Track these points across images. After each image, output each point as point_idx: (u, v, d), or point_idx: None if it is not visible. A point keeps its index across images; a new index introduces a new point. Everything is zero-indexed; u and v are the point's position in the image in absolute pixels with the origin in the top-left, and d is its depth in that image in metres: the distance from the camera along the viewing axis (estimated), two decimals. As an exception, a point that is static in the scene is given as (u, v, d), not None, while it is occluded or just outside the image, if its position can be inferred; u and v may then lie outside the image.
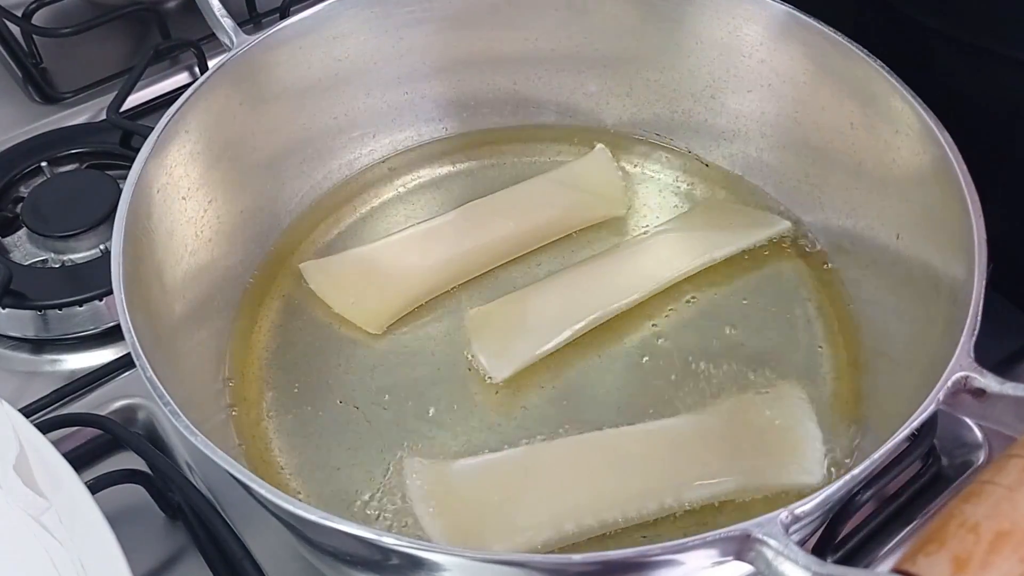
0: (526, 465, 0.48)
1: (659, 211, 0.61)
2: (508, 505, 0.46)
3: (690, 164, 0.63)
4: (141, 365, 0.40)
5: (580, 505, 0.46)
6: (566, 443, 0.49)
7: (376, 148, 0.63)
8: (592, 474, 0.48)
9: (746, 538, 0.34)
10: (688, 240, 0.58)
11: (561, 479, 0.48)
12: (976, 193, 0.44)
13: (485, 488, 0.47)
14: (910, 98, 0.49)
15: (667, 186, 0.62)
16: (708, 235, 0.58)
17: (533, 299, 0.55)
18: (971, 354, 0.39)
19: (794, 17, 0.54)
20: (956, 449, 0.53)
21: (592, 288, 0.55)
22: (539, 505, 0.46)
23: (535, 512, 0.46)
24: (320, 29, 0.57)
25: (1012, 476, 0.31)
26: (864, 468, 0.37)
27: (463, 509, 0.47)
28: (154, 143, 0.48)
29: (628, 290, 0.55)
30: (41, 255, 0.62)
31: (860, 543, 0.50)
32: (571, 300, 0.55)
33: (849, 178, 0.55)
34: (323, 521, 0.35)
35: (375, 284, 0.56)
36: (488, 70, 0.63)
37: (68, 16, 0.78)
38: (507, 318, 0.54)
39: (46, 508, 0.42)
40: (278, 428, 0.51)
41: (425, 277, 0.57)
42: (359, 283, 0.56)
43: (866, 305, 0.54)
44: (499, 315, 0.54)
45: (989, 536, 0.30)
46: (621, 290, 0.55)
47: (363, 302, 0.55)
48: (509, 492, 0.47)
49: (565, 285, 0.56)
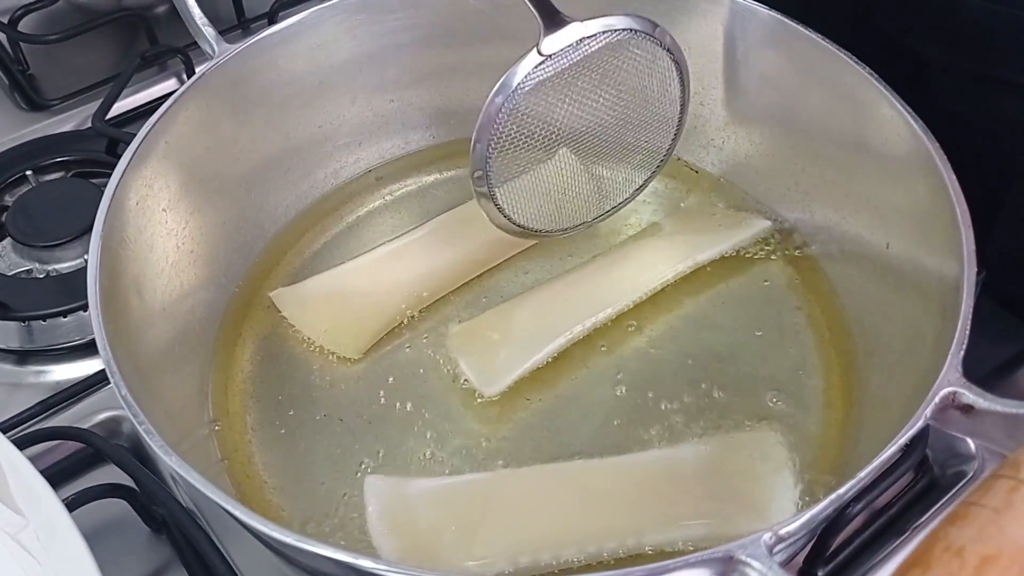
0: (488, 492, 0.47)
1: (649, 218, 0.60)
2: (464, 532, 0.45)
3: (680, 170, 0.63)
4: (116, 383, 0.40)
5: (538, 539, 0.45)
6: (531, 473, 0.48)
7: (362, 157, 0.63)
8: (554, 507, 0.47)
9: (729, 559, 0.34)
10: (670, 246, 0.57)
11: (522, 510, 0.47)
12: (965, 204, 0.44)
13: (443, 512, 0.46)
14: (899, 106, 0.48)
15: (657, 193, 0.62)
16: (689, 239, 0.58)
17: (517, 313, 0.54)
18: (959, 369, 0.38)
19: (783, 24, 0.54)
20: (949, 460, 0.52)
21: (576, 299, 0.55)
22: (496, 535, 0.45)
23: (491, 542, 0.45)
24: (304, 37, 0.56)
25: (999, 498, 0.31)
26: (850, 487, 0.36)
27: (418, 532, 0.46)
28: (132, 154, 0.48)
29: (613, 299, 0.55)
30: (26, 265, 0.62)
31: (852, 555, 0.49)
32: (556, 312, 0.54)
33: (838, 186, 0.54)
34: (297, 543, 0.35)
35: (349, 309, 0.55)
36: (474, 77, 0.62)
37: (55, 22, 0.78)
38: (492, 333, 0.53)
39: (24, 526, 0.41)
40: (261, 443, 0.51)
41: (401, 296, 0.56)
42: (332, 309, 0.55)
43: (857, 315, 0.54)
44: (484, 330, 0.54)
45: (974, 561, 0.29)
46: (606, 300, 0.54)
47: (338, 328, 0.55)
48: (467, 519, 0.46)
49: (549, 297, 0.55)
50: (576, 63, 0.49)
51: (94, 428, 0.53)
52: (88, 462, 0.53)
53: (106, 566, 0.39)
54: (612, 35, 0.49)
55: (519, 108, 0.49)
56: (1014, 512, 0.30)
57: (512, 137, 0.49)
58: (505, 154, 0.50)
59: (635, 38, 0.50)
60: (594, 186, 0.55)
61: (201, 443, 0.49)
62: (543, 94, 0.49)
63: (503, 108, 0.48)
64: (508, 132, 0.49)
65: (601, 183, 0.56)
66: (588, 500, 0.47)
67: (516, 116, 0.49)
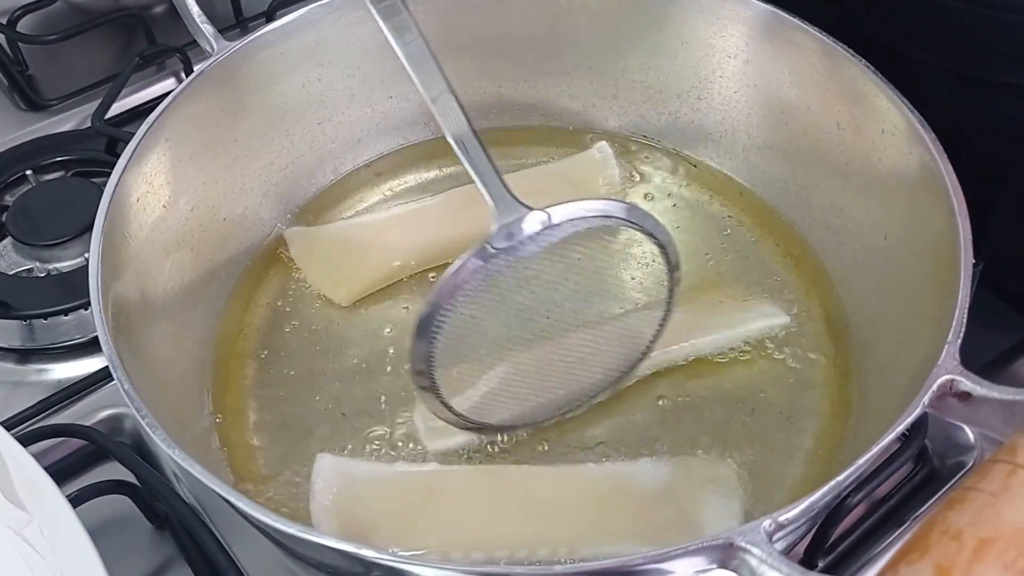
0: (432, 485, 0.47)
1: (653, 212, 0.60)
2: (403, 520, 0.45)
3: (679, 165, 0.63)
4: (118, 377, 0.40)
5: (473, 537, 0.45)
6: (477, 472, 0.48)
7: (361, 152, 0.63)
8: (493, 509, 0.47)
9: (729, 546, 0.34)
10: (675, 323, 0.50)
11: (461, 507, 0.46)
12: (962, 194, 0.44)
13: (385, 500, 0.46)
14: (896, 98, 0.49)
15: (657, 187, 0.62)
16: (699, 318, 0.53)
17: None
18: (956, 357, 0.38)
19: (779, 17, 0.54)
20: (948, 450, 0.52)
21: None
22: (433, 528, 0.45)
23: (427, 534, 0.45)
24: (302, 34, 0.56)
25: (996, 482, 0.31)
26: (849, 474, 0.36)
27: (357, 514, 0.46)
28: (132, 152, 0.48)
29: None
30: (26, 264, 0.62)
31: (852, 546, 0.49)
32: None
33: (836, 178, 0.55)
34: (299, 534, 0.35)
35: (352, 256, 0.56)
36: (473, 73, 0.62)
37: (53, 23, 0.78)
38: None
39: (28, 521, 0.41)
40: (263, 436, 0.51)
41: (402, 256, 0.56)
42: (335, 255, 0.56)
43: (856, 306, 0.54)
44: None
45: (972, 544, 0.29)
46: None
47: (337, 273, 0.55)
48: (407, 507, 0.46)
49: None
50: (537, 254, 0.43)
51: (96, 426, 0.54)
52: (90, 459, 0.53)
53: (109, 563, 0.39)
54: (580, 223, 0.43)
55: (464, 309, 0.43)
56: (1010, 496, 0.30)
57: (459, 337, 0.43)
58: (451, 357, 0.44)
59: (609, 224, 0.44)
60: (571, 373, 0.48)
61: (202, 436, 0.49)
62: (495, 291, 0.43)
63: (443, 311, 0.42)
64: (453, 331, 0.43)
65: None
66: (525, 505, 0.47)
67: (463, 317, 0.43)
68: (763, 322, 0.53)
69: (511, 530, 0.46)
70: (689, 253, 0.58)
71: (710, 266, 0.57)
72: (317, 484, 0.47)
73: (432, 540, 0.45)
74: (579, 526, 0.46)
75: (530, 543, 0.45)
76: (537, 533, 0.45)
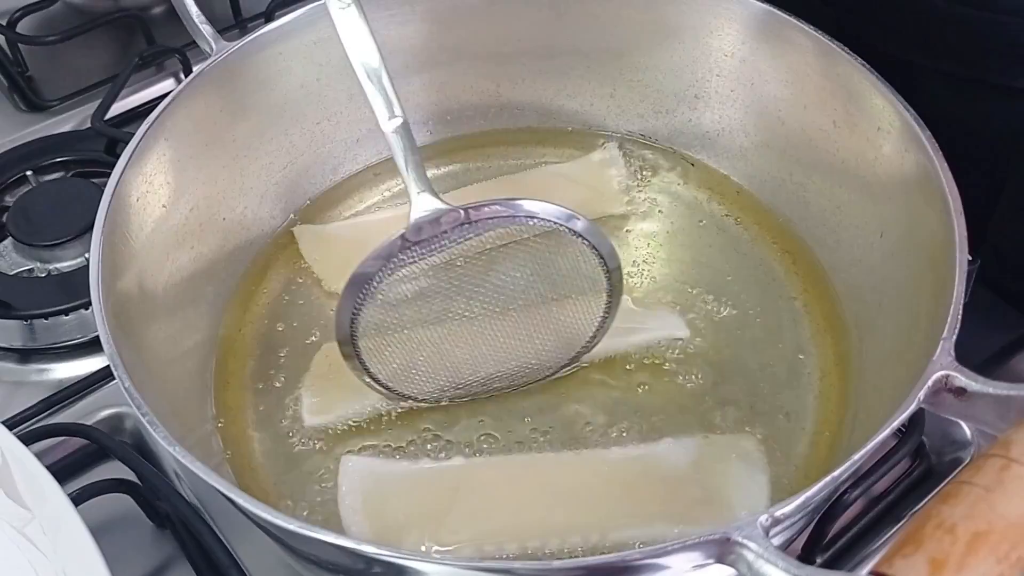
0: (459, 480, 0.48)
1: (652, 210, 0.61)
2: (434, 518, 0.46)
3: (677, 164, 0.63)
4: (119, 375, 0.40)
5: (504, 529, 0.45)
6: (503, 463, 0.49)
7: (360, 153, 0.63)
8: (522, 499, 0.47)
9: (726, 541, 0.34)
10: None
11: (490, 500, 0.47)
12: (957, 191, 0.44)
13: (414, 498, 0.47)
14: (891, 96, 0.49)
15: (655, 186, 0.62)
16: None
17: None
18: (951, 353, 0.38)
19: (775, 16, 0.54)
20: (945, 447, 0.53)
21: None
22: (464, 523, 0.46)
23: (459, 529, 0.45)
24: (301, 34, 0.57)
25: (990, 476, 0.31)
26: (845, 469, 0.36)
27: (387, 514, 0.46)
28: (132, 152, 0.48)
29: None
30: (27, 264, 0.62)
31: (849, 542, 0.50)
32: None
33: (832, 176, 0.55)
34: (301, 531, 0.35)
35: (359, 255, 0.56)
36: (471, 73, 0.62)
37: (53, 24, 0.78)
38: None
39: (29, 520, 0.42)
40: (263, 435, 0.51)
41: None
42: (344, 252, 0.55)
43: (852, 303, 0.54)
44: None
45: (966, 537, 0.30)
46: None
47: (347, 269, 0.55)
48: (437, 505, 0.46)
49: None
50: (449, 248, 0.44)
51: (97, 425, 0.54)
52: (91, 459, 0.54)
53: (111, 562, 0.39)
54: (501, 221, 0.44)
55: (383, 297, 0.45)
56: (1004, 490, 0.31)
57: (379, 325, 0.45)
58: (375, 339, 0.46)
59: (534, 226, 0.45)
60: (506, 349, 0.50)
61: (205, 438, 0.49)
62: (413, 280, 0.45)
63: (359, 301, 0.44)
64: (372, 320, 0.45)
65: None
66: (555, 494, 0.47)
67: (381, 304, 0.45)
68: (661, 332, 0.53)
69: (541, 519, 0.46)
70: (686, 252, 0.58)
71: (707, 265, 0.57)
72: (344, 487, 0.47)
73: (464, 535, 0.45)
74: (608, 511, 0.46)
75: (561, 531, 0.45)
76: (567, 521, 0.46)
